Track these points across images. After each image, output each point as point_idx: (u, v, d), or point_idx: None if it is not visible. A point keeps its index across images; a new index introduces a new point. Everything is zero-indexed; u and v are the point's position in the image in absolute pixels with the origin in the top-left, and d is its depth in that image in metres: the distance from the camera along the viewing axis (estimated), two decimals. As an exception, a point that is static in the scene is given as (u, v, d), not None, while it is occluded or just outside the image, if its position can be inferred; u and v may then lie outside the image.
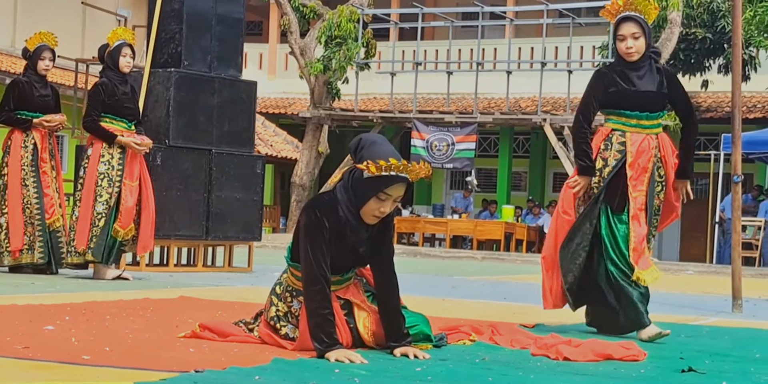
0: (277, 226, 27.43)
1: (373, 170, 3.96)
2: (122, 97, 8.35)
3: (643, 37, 5.35)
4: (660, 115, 5.46)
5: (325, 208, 4.07)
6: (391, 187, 4.00)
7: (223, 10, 10.51)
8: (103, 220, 8.14)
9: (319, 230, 4.03)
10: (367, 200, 4.02)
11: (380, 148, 4.05)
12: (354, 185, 4.05)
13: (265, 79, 27.45)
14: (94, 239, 8.13)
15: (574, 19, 23.55)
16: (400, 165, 3.96)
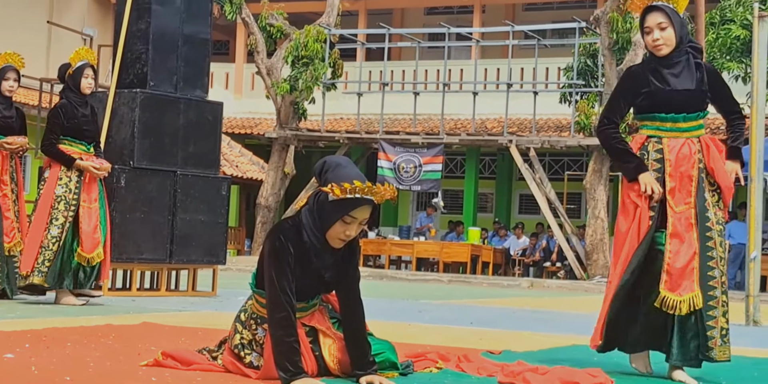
0: (242, 248, 27.28)
1: (337, 193, 3.92)
2: (82, 119, 8.25)
3: (671, 28, 4.81)
4: (700, 115, 4.88)
5: (290, 233, 4.02)
6: (357, 209, 3.97)
7: (190, 30, 10.45)
8: (57, 244, 8.02)
9: (284, 256, 3.98)
10: (333, 224, 3.98)
11: (345, 170, 4.02)
12: (319, 209, 4.01)
13: (231, 99, 27.38)
14: (46, 263, 8.00)
15: (539, 40, 23.66)
16: (365, 187, 3.93)
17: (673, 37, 4.81)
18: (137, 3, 10.15)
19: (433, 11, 30.85)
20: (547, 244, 23.74)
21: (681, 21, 4.88)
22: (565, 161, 26.47)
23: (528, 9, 30.08)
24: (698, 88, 4.82)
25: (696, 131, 4.88)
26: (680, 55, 4.84)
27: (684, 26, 4.88)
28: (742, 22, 20.21)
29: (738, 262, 19.86)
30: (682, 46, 4.85)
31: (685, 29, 4.89)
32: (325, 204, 3.98)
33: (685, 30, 4.87)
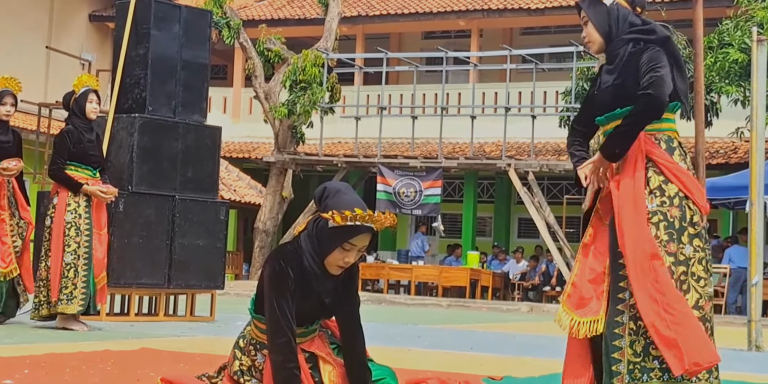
0: (240, 272, 27.21)
1: (338, 220, 3.90)
2: (88, 145, 8.30)
3: (590, 22, 4.20)
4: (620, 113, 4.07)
5: (290, 258, 4.00)
6: (356, 237, 3.94)
7: (189, 55, 10.46)
8: (72, 271, 8.03)
9: (284, 281, 3.95)
10: (332, 250, 3.96)
11: (345, 197, 4.00)
12: (318, 235, 3.99)
13: (229, 123, 27.38)
14: (64, 290, 8.01)
15: (537, 64, 23.71)
16: (365, 215, 3.91)
17: (594, 32, 4.18)
18: (136, 28, 10.17)
19: (430, 35, 30.93)
20: (546, 268, 23.69)
21: (605, 10, 4.18)
22: (564, 185, 26.46)
23: (525, 33, 30.15)
24: (621, 79, 4.08)
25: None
26: (617, 47, 4.13)
27: (610, 14, 4.17)
28: (740, 45, 20.25)
29: (738, 287, 19.83)
30: (615, 38, 4.14)
31: (614, 18, 4.16)
32: (325, 230, 3.96)
33: (612, 19, 4.16)
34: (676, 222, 3.92)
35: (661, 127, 4.05)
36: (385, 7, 29.01)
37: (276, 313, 3.93)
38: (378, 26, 29.33)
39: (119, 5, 10.58)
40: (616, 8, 4.15)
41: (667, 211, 3.92)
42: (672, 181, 3.95)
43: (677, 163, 4.01)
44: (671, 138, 4.07)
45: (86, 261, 8.09)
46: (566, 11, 27.00)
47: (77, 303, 8.02)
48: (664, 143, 4.04)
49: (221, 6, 23.89)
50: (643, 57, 4.03)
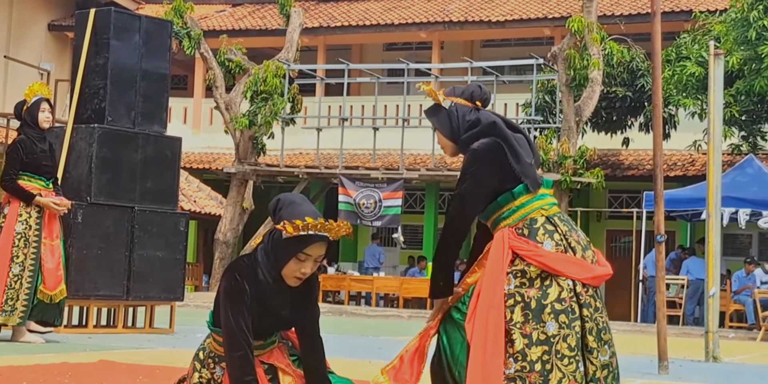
0: (200, 284, 27.08)
1: (290, 230, 3.88)
2: (41, 155, 8.22)
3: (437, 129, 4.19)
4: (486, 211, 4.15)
5: (246, 271, 3.98)
6: (310, 246, 3.92)
7: (149, 65, 10.42)
8: (18, 282, 7.93)
9: (240, 294, 3.94)
10: (287, 261, 3.94)
11: (299, 208, 3.98)
12: (273, 247, 3.97)
13: (189, 134, 27.28)
14: (9, 302, 7.92)
15: (497, 76, 23.81)
16: (317, 223, 3.89)
17: (442, 138, 4.18)
18: (96, 38, 10.12)
19: (392, 47, 31.00)
20: (506, 279, 23.72)
21: (446, 114, 4.18)
22: (524, 196, 26.55)
23: (486, 45, 30.30)
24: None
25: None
26: (462, 150, 4.12)
27: (450, 117, 4.15)
28: (697, 59, 20.46)
29: (696, 298, 19.98)
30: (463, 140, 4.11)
31: (454, 119, 4.14)
32: (279, 242, 3.94)
33: (453, 121, 4.14)
34: (533, 302, 3.93)
35: (521, 213, 4.06)
36: (347, 19, 29.06)
37: (232, 327, 3.92)
38: (339, 37, 29.37)
39: (79, 15, 10.54)
40: (455, 109, 4.17)
41: (525, 292, 3.94)
42: (535, 264, 3.97)
43: (540, 246, 4.00)
44: (533, 219, 4.06)
45: (32, 272, 8.00)
46: (526, 24, 27.18)
47: (17, 314, 7.94)
48: (527, 229, 4.04)
49: (182, 16, 23.81)
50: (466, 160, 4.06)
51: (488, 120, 4.10)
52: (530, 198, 4.07)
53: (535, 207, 4.07)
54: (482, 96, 4.22)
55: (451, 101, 4.19)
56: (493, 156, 4.03)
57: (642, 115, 23.29)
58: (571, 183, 21.49)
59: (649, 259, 19.92)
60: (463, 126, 4.13)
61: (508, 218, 4.05)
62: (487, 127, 4.08)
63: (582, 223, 23.60)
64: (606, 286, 23.88)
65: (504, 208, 4.06)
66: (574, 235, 4.08)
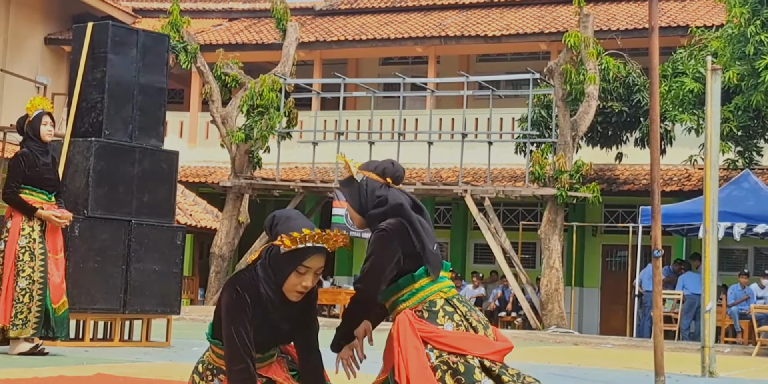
0: (196, 297, 27.05)
1: (288, 243, 3.89)
2: (43, 168, 8.22)
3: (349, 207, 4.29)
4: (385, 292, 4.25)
5: (246, 285, 3.99)
6: (309, 258, 3.95)
7: (146, 79, 10.44)
8: (27, 296, 7.94)
9: (242, 307, 3.94)
10: (287, 276, 3.96)
11: (295, 222, 4.00)
12: (272, 262, 3.99)
13: (185, 148, 27.28)
14: (19, 316, 7.92)
15: (493, 91, 23.84)
16: (314, 234, 3.91)
17: (351, 210, 4.28)
18: (93, 52, 10.14)
19: (388, 61, 31.05)
20: (502, 293, 23.76)
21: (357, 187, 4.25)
22: (520, 211, 26.59)
23: (482, 60, 30.36)
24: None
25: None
26: (369, 224, 4.20)
27: (360, 190, 4.23)
28: (694, 74, 20.50)
29: (692, 313, 19.98)
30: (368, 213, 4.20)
31: (363, 193, 4.22)
32: (278, 257, 3.96)
33: (362, 195, 4.22)
34: (461, 365, 4.00)
35: (421, 296, 4.14)
36: (343, 33, 29.11)
37: (234, 340, 3.93)
38: (335, 52, 29.41)
39: (76, 29, 10.55)
40: (365, 183, 4.25)
41: (447, 359, 4.02)
42: (438, 347, 4.04)
43: (439, 328, 4.07)
44: (432, 301, 4.14)
45: (41, 286, 8.01)
46: (522, 39, 27.24)
47: (30, 327, 7.94)
48: (426, 311, 4.12)
49: (178, 30, 23.85)
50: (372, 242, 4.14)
51: (396, 201, 4.17)
52: (430, 281, 4.15)
53: (435, 290, 4.16)
54: (394, 173, 4.29)
55: (363, 175, 4.26)
56: (398, 238, 4.10)
57: (638, 130, 23.32)
58: (567, 198, 21.50)
59: (644, 273, 19.92)
60: (371, 201, 4.21)
61: (408, 300, 4.14)
62: (394, 209, 4.16)
63: (578, 237, 23.62)
64: (602, 300, 23.85)
65: (404, 290, 4.15)
66: (474, 315, 4.16)
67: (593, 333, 23.55)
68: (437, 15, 29.88)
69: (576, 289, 24.34)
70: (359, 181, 4.25)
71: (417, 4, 30.66)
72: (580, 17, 22.17)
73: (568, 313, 22.37)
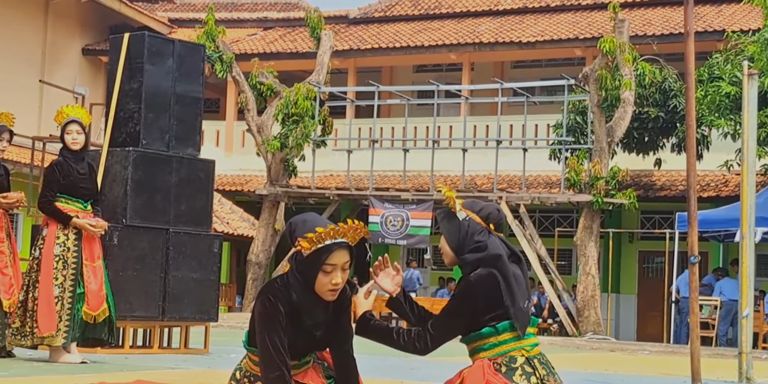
0: (233, 304, 27.17)
1: (306, 246, 3.92)
2: (78, 177, 8.24)
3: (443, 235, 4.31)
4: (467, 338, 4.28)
5: (279, 293, 4.03)
6: (331, 256, 3.96)
7: (182, 89, 10.51)
8: (59, 304, 7.99)
9: (275, 315, 3.98)
10: (315, 277, 3.98)
11: (310, 224, 4.02)
12: (298, 267, 4.02)
13: (221, 156, 27.44)
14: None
15: (528, 97, 23.81)
16: (328, 231, 3.92)
17: (445, 245, 4.28)
18: (130, 62, 10.22)
19: (422, 69, 31.09)
20: (538, 300, 23.71)
21: (457, 225, 4.26)
22: (556, 218, 26.53)
23: (516, 66, 30.34)
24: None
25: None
26: (462, 265, 4.23)
27: (461, 229, 4.23)
28: (730, 79, 20.39)
29: (729, 319, 19.85)
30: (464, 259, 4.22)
31: (464, 233, 4.22)
32: (302, 261, 3.99)
33: (462, 234, 4.22)
34: None
35: (502, 349, 4.13)
36: (377, 41, 29.18)
37: (269, 348, 3.97)
38: (370, 60, 29.48)
39: (113, 39, 10.65)
40: (467, 224, 4.24)
41: None
42: None
43: None
44: (513, 358, 4.13)
45: (71, 294, 8.05)
46: (557, 45, 27.19)
47: (61, 335, 7.99)
48: (505, 366, 4.10)
49: (214, 40, 24.00)
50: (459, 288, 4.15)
51: (495, 251, 4.16)
52: (514, 336, 4.13)
53: (518, 346, 4.14)
54: (497, 220, 4.28)
55: (466, 214, 4.25)
56: (485, 291, 4.09)
57: (674, 135, 23.21)
58: (603, 204, 21.44)
59: (681, 280, 19.82)
60: (469, 244, 4.20)
61: (488, 350, 4.13)
62: (491, 259, 4.14)
63: (614, 244, 23.53)
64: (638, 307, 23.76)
65: (486, 340, 4.13)
66: (551, 380, 4.12)
67: (630, 339, 23.43)
68: (471, 22, 29.89)
69: (612, 295, 24.25)
70: (461, 219, 4.23)
71: (451, 11, 30.68)
72: (615, 22, 22.12)
73: (605, 319, 22.29)
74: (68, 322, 8.00)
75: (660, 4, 28.60)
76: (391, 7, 31.64)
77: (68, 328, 8.00)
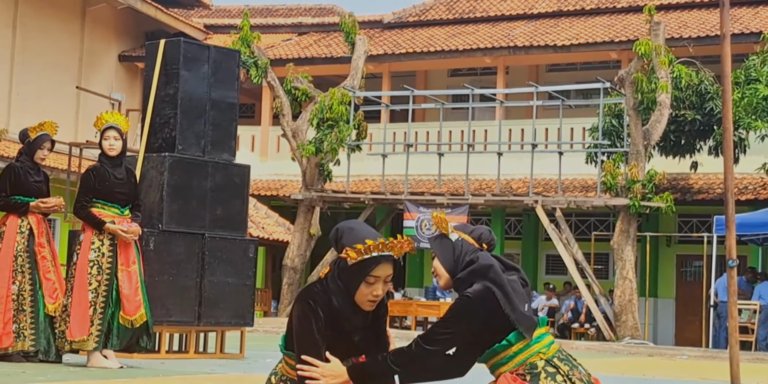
0: (269, 309, 27.22)
1: (353, 256, 3.92)
2: (115, 182, 8.27)
3: (437, 257, 4.25)
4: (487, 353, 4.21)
5: (319, 297, 4.02)
6: (376, 268, 3.96)
7: (218, 95, 10.55)
8: (92, 308, 8.03)
9: (314, 320, 3.98)
10: (358, 287, 3.98)
11: (358, 233, 4.01)
12: (341, 275, 4.01)
13: (257, 161, 27.53)
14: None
15: (563, 101, 23.73)
16: (378, 244, 3.92)
17: (439, 266, 4.24)
18: (165, 68, 10.28)
19: (456, 73, 31.06)
20: (575, 304, 23.59)
21: (451, 246, 4.23)
22: (592, 221, 26.41)
23: (551, 70, 30.24)
24: None
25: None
26: (457, 286, 4.19)
27: (455, 250, 4.20)
28: (767, 81, 20.23)
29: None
30: (458, 278, 4.19)
31: (457, 254, 4.20)
32: (346, 269, 3.98)
33: (456, 255, 4.20)
34: None
35: (520, 359, 4.11)
36: (411, 46, 29.18)
37: (308, 350, 3.97)
38: (404, 64, 29.48)
39: (149, 46, 10.71)
40: (460, 244, 4.22)
41: None
42: None
43: None
44: (533, 364, 4.11)
45: (104, 299, 8.09)
46: (592, 48, 27.06)
47: (93, 340, 8.02)
48: (528, 374, 4.09)
49: (249, 45, 24.08)
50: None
51: (486, 262, 4.14)
52: (527, 343, 4.11)
53: (534, 351, 4.12)
54: (489, 240, 4.27)
55: (458, 235, 4.24)
56: (483, 307, 4.06)
57: (711, 138, 23.05)
58: (640, 208, 21.32)
59: (719, 283, 19.68)
60: (461, 263, 4.17)
61: (507, 364, 4.11)
62: (483, 269, 4.12)
63: (651, 248, 23.39)
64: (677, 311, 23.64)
65: (501, 354, 4.11)
66: (576, 373, 4.11)
67: (668, 344, 23.27)
68: (506, 25, 29.83)
69: (650, 299, 24.10)
70: (454, 240, 4.23)
71: (485, 15, 30.63)
72: (650, 25, 22.00)
73: (643, 324, 22.15)
74: (100, 327, 8.03)
75: (696, 6, 28.42)
76: (426, 12, 31.63)
77: (99, 332, 8.03)
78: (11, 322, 8.31)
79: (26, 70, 25.98)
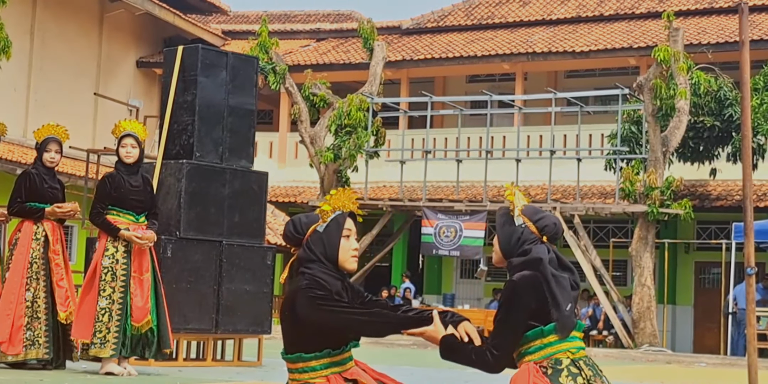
0: (286, 315, 27.20)
1: (327, 209, 4.27)
2: (130, 189, 8.29)
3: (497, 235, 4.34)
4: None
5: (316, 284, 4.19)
6: (347, 222, 4.29)
7: (235, 101, 10.54)
8: (106, 315, 8.03)
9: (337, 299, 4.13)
10: (338, 243, 4.24)
11: (311, 215, 4.35)
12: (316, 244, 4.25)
13: (275, 168, 27.54)
14: (97, 334, 8.01)
15: (582, 107, 23.69)
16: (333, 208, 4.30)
17: (497, 244, 4.31)
18: (183, 75, 10.28)
19: (474, 79, 31.03)
20: (593, 311, 23.52)
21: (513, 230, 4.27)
22: (610, 228, 26.32)
23: (570, 76, 30.19)
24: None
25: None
26: (511, 270, 4.25)
27: (514, 235, 4.26)
28: (786, 87, 20.15)
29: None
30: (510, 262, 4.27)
31: (515, 239, 4.25)
32: (322, 233, 4.25)
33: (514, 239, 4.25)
34: None
35: (548, 352, 4.13)
36: (430, 52, 29.17)
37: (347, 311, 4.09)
38: (422, 70, 29.47)
39: (167, 52, 10.71)
40: (521, 231, 4.26)
41: None
42: None
43: None
44: (558, 360, 4.12)
45: (120, 306, 8.08)
46: (611, 54, 26.99)
47: (110, 347, 8.01)
48: (551, 369, 4.10)
49: (267, 52, 24.13)
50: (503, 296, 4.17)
51: (537, 255, 4.17)
52: (558, 338, 4.13)
53: (563, 348, 4.14)
54: (553, 233, 4.29)
55: (523, 221, 4.27)
56: (530, 291, 4.10)
57: (730, 144, 22.96)
58: (659, 214, 21.25)
59: (738, 290, 19.58)
60: (517, 250, 4.23)
61: (534, 354, 4.13)
62: (533, 261, 4.16)
63: (670, 254, 23.30)
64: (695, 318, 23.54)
65: (531, 343, 4.13)
66: (598, 381, 4.12)
67: (687, 351, 23.17)
68: (524, 31, 29.79)
69: (669, 306, 24.00)
70: (517, 225, 4.27)
71: (504, 21, 30.59)
72: (669, 31, 21.94)
73: (661, 331, 22.06)
74: (117, 334, 8.03)
75: (715, 12, 28.32)
76: (444, 18, 31.62)
77: (117, 339, 8.02)
78: (22, 329, 8.28)
79: (44, 77, 26.08)
